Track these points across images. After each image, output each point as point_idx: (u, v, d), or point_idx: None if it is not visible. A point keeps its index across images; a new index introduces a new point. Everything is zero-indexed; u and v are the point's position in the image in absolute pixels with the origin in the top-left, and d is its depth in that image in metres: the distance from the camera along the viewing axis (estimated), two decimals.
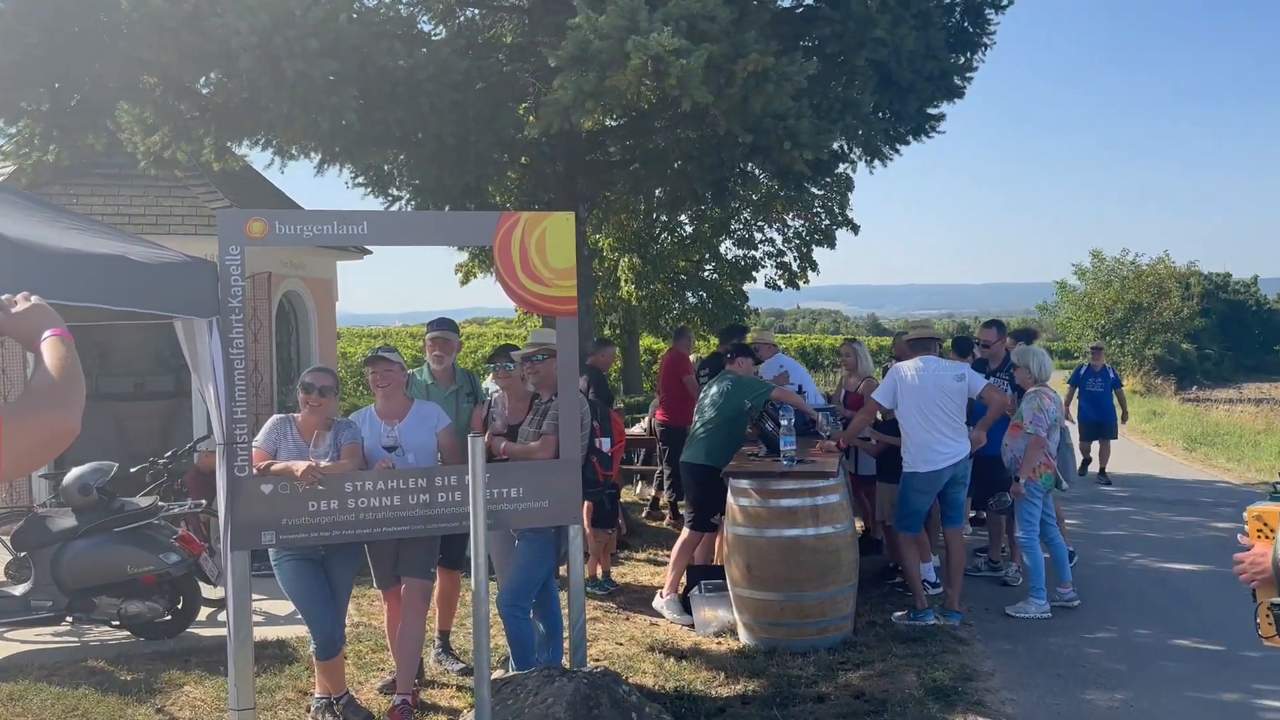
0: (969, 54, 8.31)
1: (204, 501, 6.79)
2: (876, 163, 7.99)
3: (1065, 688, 5.07)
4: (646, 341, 17.70)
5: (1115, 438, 12.54)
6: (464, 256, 12.54)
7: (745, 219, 12.90)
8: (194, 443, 7.75)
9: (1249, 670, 5.28)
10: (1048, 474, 6.44)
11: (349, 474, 4.40)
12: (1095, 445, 12.43)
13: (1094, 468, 12.39)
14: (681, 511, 9.64)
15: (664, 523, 9.47)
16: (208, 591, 6.43)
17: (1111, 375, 12.45)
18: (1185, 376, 38.29)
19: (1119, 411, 12.36)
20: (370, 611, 6.47)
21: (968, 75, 7.78)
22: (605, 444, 5.10)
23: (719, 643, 6.02)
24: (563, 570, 5.19)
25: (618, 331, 14.09)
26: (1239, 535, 2.67)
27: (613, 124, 8.43)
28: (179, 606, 6.07)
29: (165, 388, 10.54)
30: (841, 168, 8.13)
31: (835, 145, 6.85)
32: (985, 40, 8.59)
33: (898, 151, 7.99)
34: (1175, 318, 40.16)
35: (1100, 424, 12.25)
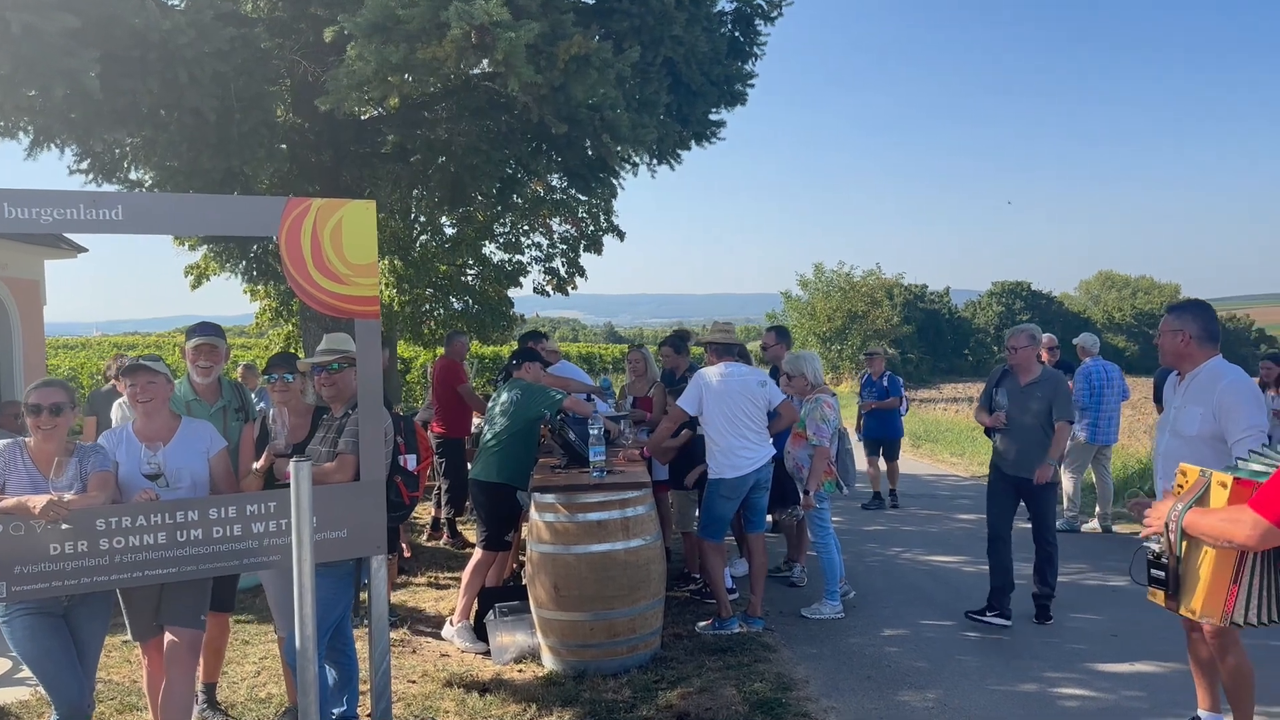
0: (741, 63, 8.39)
1: None
2: (663, 166, 7.88)
3: (879, 690, 5.09)
4: (403, 350, 16.82)
5: (897, 457, 11.14)
6: (196, 256, 11.22)
7: (511, 222, 12.49)
8: None
9: (1036, 659, 5.57)
10: (829, 480, 6.55)
11: (100, 509, 3.61)
12: (881, 463, 10.95)
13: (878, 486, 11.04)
14: (461, 529, 9.12)
15: (441, 541, 8.88)
16: None
17: (886, 381, 10.98)
18: None
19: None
20: (109, 664, 5.51)
21: (749, 83, 7.83)
22: (410, 461, 4.55)
23: (520, 670, 5.61)
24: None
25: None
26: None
27: (381, 112, 7.76)
28: None
29: None
30: (626, 170, 7.95)
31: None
32: (756, 51, 8.73)
33: (679, 157, 7.92)
34: (886, 325, 44.03)
35: (884, 440, 10.88)
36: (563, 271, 13.03)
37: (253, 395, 11.02)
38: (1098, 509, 9.55)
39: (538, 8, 4.66)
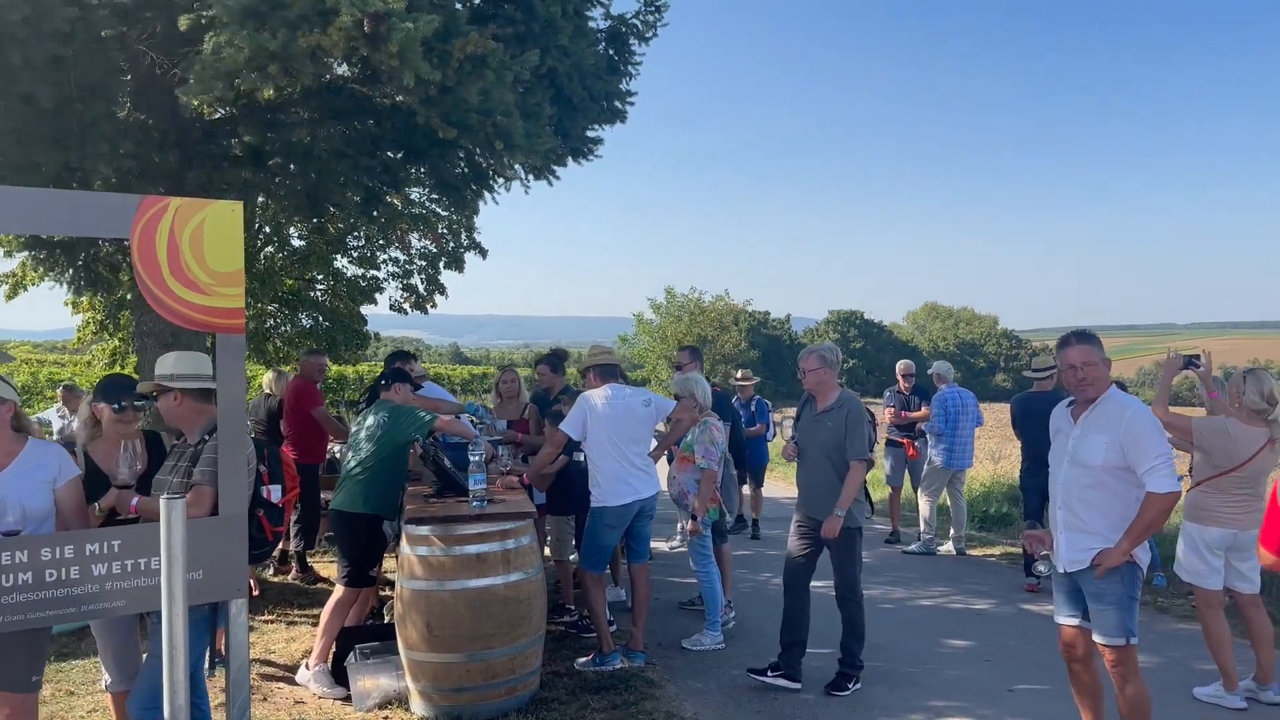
0: (619, 81, 8.24)
1: None
2: (541, 181, 7.59)
3: None
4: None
5: (763, 483, 11.05)
6: (14, 263, 10.13)
7: (367, 235, 11.88)
8: None
9: (917, 686, 5.55)
10: (714, 507, 6.42)
11: None
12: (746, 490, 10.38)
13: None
14: (312, 563, 8.50)
15: (290, 576, 8.25)
16: None
17: (754, 407, 10.78)
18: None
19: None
20: None
21: (629, 100, 7.67)
22: (275, 492, 4.09)
23: (386, 716, 5.18)
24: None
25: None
26: None
27: (231, 111, 7.16)
28: None
29: None
30: (500, 185, 7.63)
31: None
32: (630, 70, 8.60)
33: (555, 173, 7.66)
34: (734, 350, 45.03)
35: (751, 466, 10.31)
36: (422, 289, 12.51)
37: (64, 419, 9.99)
38: (952, 532, 9.80)
39: (427, 2, 4.33)
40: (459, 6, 4.67)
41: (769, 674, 5.55)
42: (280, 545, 8.43)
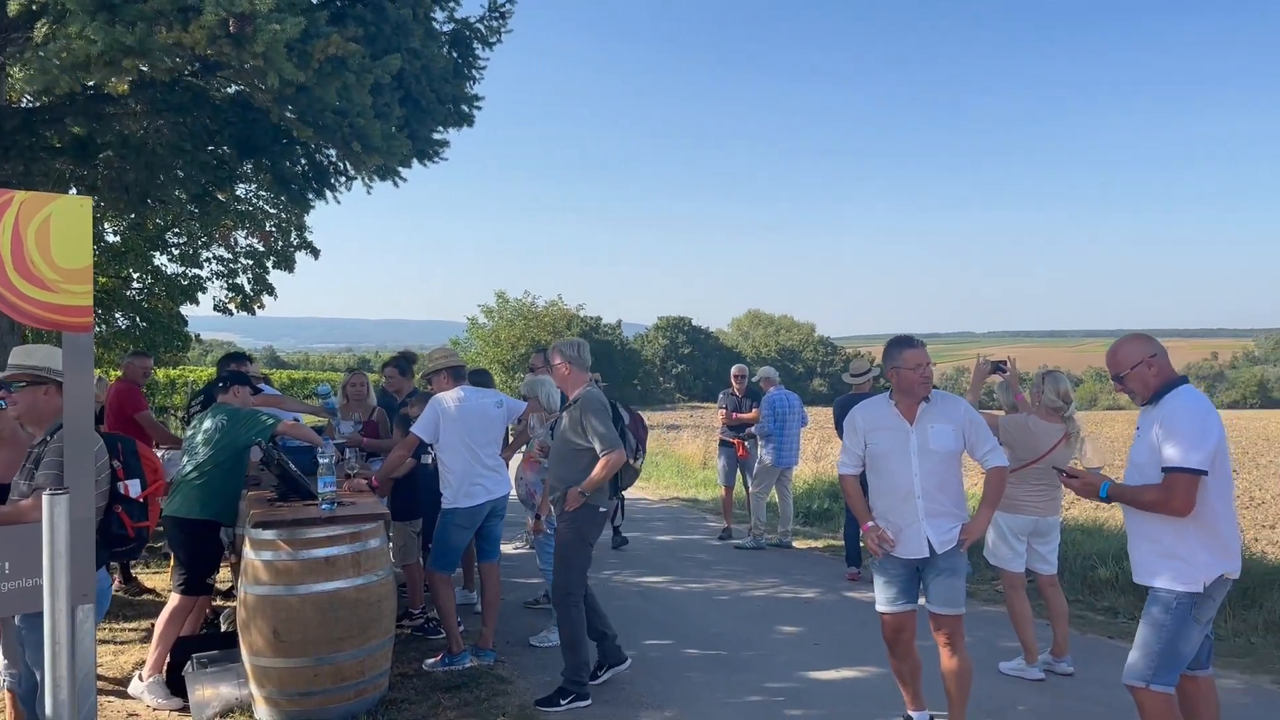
0: (466, 84, 8.28)
1: None
2: (385, 183, 7.51)
3: (619, 714, 5.14)
4: None
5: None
6: None
7: (189, 232, 11.33)
8: None
9: (752, 671, 5.88)
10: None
11: None
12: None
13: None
14: (135, 574, 8.09)
15: (114, 588, 7.81)
16: None
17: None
18: None
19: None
20: None
21: (477, 104, 7.72)
22: (134, 488, 3.97)
23: None
24: None
25: None
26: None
27: (50, 101, 6.74)
28: None
29: None
30: (342, 185, 7.49)
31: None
32: (475, 74, 8.64)
33: (401, 175, 7.60)
34: None
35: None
36: (248, 288, 12.04)
37: None
38: (780, 526, 10.33)
39: (287, 4, 4.26)
40: (318, 9, 4.61)
41: (561, 701, 5.26)
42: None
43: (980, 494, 4.68)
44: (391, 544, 7.02)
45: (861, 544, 8.61)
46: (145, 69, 4.31)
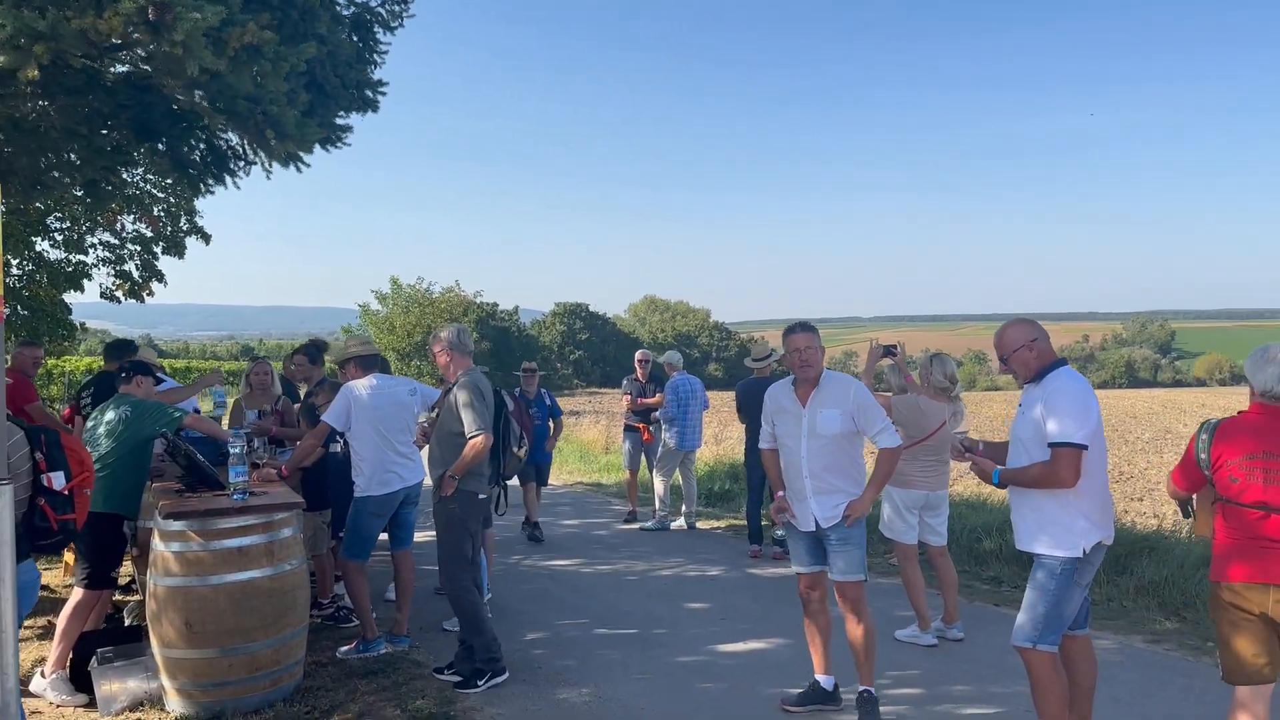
0: (366, 69, 8.18)
1: None
2: (280, 168, 7.37)
3: (538, 691, 5.26)
4: None
5: (547, 483, 10.26)
6: None
7: (73, 217, 10.84)
8: None
9: (664, 647, 6.07)
10: None
11: None
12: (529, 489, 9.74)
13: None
14: None
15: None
16: None
17: (549, 401, 9.91)
18: None
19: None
20: None
21: (381, 89, 7.65)
22: (57, 480, 3.89)
23: (138, 719, 4.99)
24: None
25: None
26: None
27: None
28: None
29: None
30: (241, 170, 7.31)
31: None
32: (376, 59, 8.54)
33: (305, 161, 7.48)
34: None
35: (536, 464, 9.57)
36: (137, 275, 11.61)
37: None
38: (684, 508, 10.57)
39: None
40: None
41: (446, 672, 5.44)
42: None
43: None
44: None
45: (764, 521, 8.94)
46: (55, 56, 4.16)
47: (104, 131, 6.09)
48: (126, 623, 6.33)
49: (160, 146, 6.64)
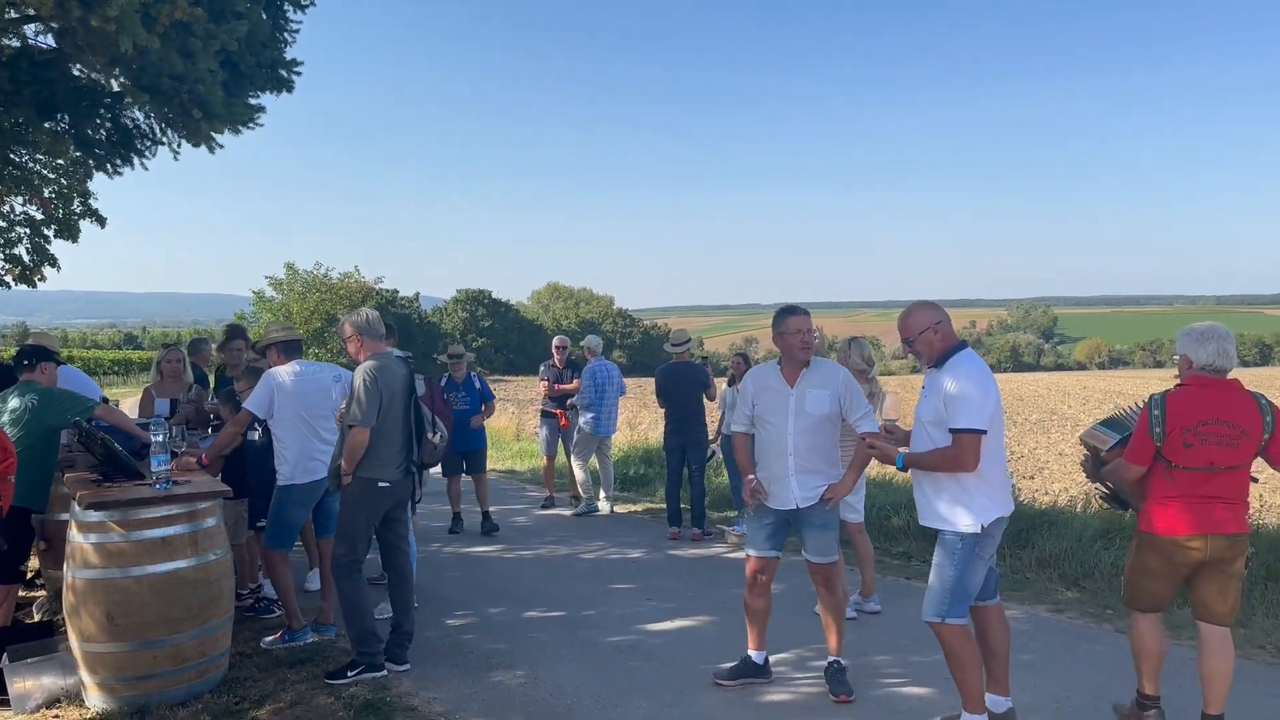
0: (279, 49, 7.99)
1: None
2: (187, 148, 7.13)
3: (472, 675, 5.28)
4: None
5: (485, 469, 9.85)
6: None
7: None
8: None
9: (595, 628, 6.15)
10: None
11: None
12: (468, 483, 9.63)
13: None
14: None
15: None
16: None
17: (478, 385, 9.57)
18: None
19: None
20: None
21: (295, 69, 7.46)
22: None
23: (57, 716, 4.84)
24: None
25: None
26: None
27: None
28: None
29: None
30: (149, 150, 7.03)
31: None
32: (288, 37, 8.34)
33: (218, 142, 7.25)
34: None
35: (469, 454, 9.45)
36: (27, 259, 11.06)
37: None
38: (603, 493, 10.65)
39: None
40: None
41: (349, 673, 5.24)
42: None
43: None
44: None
45: (682, 504, 9.08)
46: None
47: (2, 109, 5.81)
48: (36, 618, 6.11)
49: (63, 125, 6.37)
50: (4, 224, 10.93)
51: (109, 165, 6.75)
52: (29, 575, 6.87)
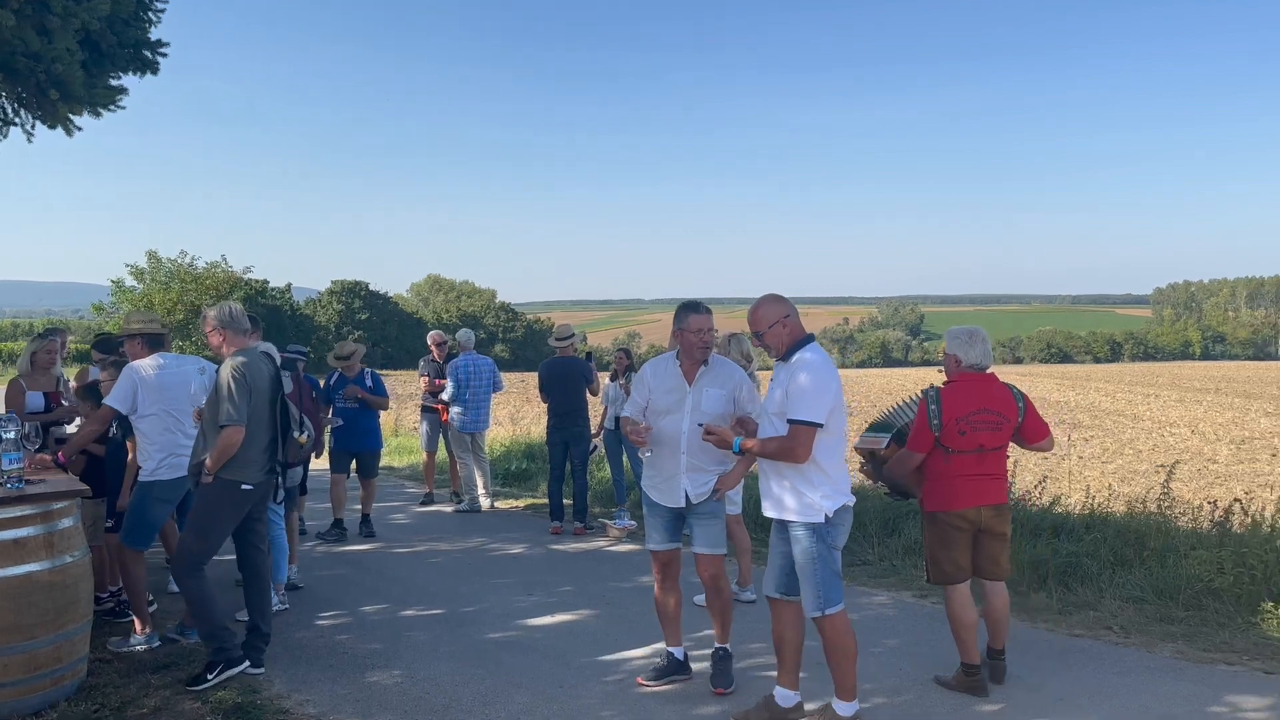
0: (143, 28, 7.63)
1: None
2: (42, 130, 6.73)
3: (346, 676, 5.16)
4: None
5: (376, 473, 9.54)
6: None
7: None
8: None
9: (474, 624, 6.13)
10: None
11: None
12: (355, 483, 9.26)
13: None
14: None
15: None
16: None
17: (370, 382, 9.14)
18: None
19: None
20: None
21: (161, 50, 7.13)
22: None
23: None
24: None
25: None
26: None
27: None
28: None
29: None
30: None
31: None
32: (154, 16, 7.97)
33: (76, 124, 6.86)
34: None
35: (361, 454, 9.11)
36: None
37: None
38: (481, 489, 10.54)
39: None
40: None
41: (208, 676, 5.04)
42: None
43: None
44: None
45: (565, 499, 9.09)
46: None
47: None
48: None
49: None
50: None
51: None
52: None
